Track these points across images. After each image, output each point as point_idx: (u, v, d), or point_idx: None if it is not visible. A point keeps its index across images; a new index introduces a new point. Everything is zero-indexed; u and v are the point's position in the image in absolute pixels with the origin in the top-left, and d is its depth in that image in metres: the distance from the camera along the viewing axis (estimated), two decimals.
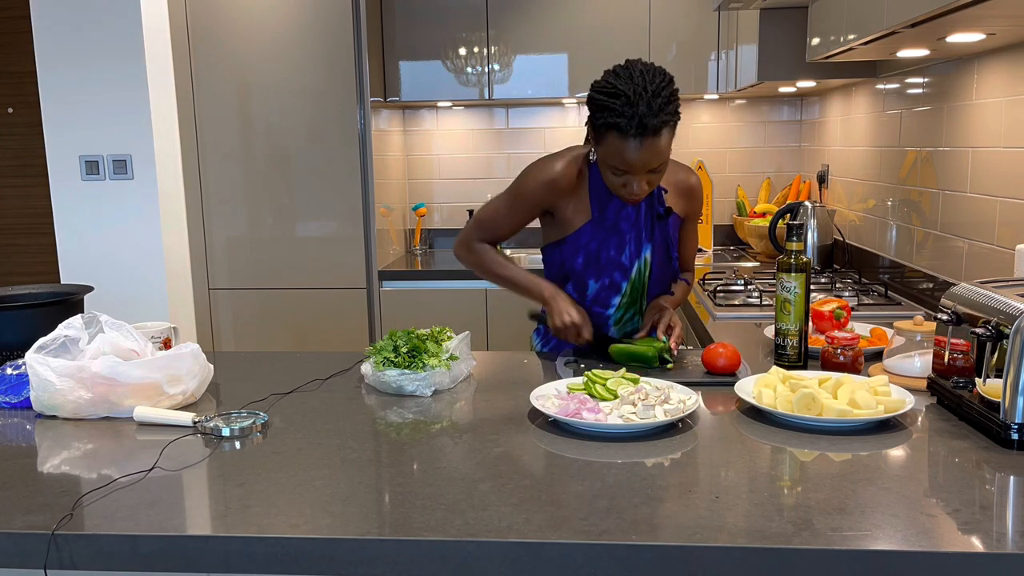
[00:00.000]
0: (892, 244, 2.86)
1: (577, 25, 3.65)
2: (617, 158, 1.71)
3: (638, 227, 1.91)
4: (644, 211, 1.91)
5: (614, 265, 1.91)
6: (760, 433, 1.41)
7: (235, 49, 3.43)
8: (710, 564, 1.02)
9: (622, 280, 1.93)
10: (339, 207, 3.50)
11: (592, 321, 1.91)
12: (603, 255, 1.90)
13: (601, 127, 1.71)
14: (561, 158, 1.89)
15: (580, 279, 1.93)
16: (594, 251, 1.90)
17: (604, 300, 1.94)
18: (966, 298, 1.46)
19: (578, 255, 1.91)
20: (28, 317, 1.87)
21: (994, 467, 1.25)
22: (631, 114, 1.66)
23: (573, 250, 1.91)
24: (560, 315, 1.84)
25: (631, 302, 1.96)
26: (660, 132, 1.68)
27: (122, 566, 1.09)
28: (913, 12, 1.68)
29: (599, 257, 1.90)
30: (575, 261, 1.91)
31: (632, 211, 1.90)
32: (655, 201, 1.91)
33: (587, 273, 1.91)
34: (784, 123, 4.08)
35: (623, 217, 1.89)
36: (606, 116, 1.69)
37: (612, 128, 1.68)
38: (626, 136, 1.67)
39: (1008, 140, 2.09)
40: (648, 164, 1.72)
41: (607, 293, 1.94)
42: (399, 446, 1.41)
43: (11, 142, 4.82)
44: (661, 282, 1.98)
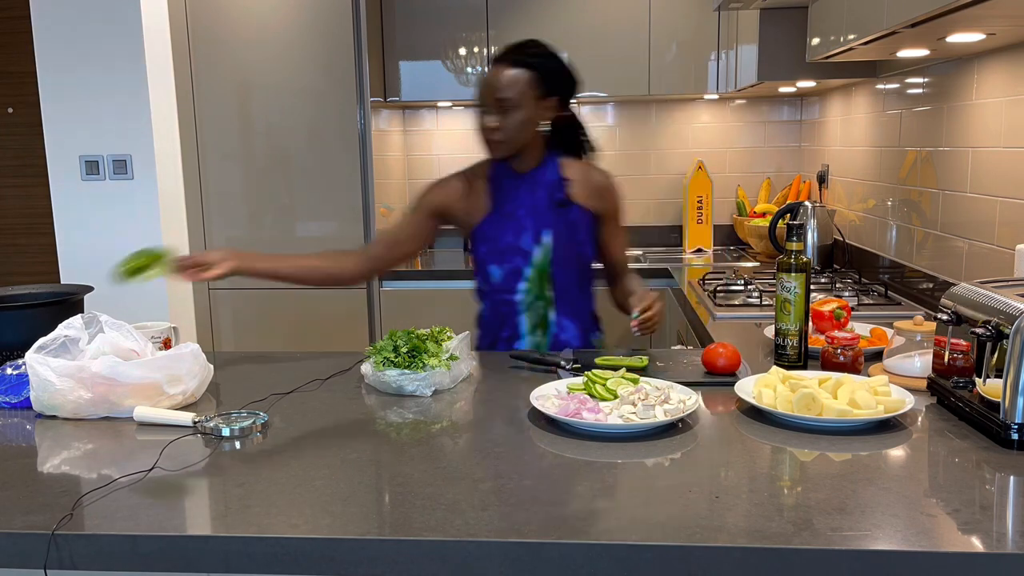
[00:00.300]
0: (892, 244, 2.86)
1: (577, 25, 3.65)
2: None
3: (536, 214, 2.01)
4: (544, 199, 2.01)
5: (513, 250, 2.01)
6: (760, 433, 1.41)
7: (235, 49, 3.43)
8: (710, 564, 1.02)
9: (524, 265, 2.01)
10: (339, 207, 3.50)
11: (506, 309, 2.04)
12: (502, 241, 2.01)
13: None
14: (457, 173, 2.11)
15: (483, 266, 2.05)
16: (493, 238, 2.02)
17: (510, 286, 2.03)
18: (966, 298, 1.46)
19: (481, 245, 2.04)
20: (28, 317, 1.87)
21: (994, 467, 1.25)
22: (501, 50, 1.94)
23: (479, 242, 2.05)
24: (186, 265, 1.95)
25: (537, 287, 2.02)
26: (511, 66, 1.89)
27: (122, 566, 1.09)
28: (913, 12, 1.68)
29: (498, 243, 2.01)
30: (479, 251, 2.05)
31: (527, 198, 2.01)
32: (553, 189, 2.01)
33: (488, 259, 2.03)
34: (784, 123, 4.08)
35: (519, 204, 2.01)
36: None
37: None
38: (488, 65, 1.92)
39: (1008, 140, 2.09)
40: (493, 91, 1.90)
41: (511, 279, 2.02)
42: (399, 446, 1.41)
43: (11, 142, 4.81)
44: (566, 269, 2.03)
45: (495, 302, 2.06)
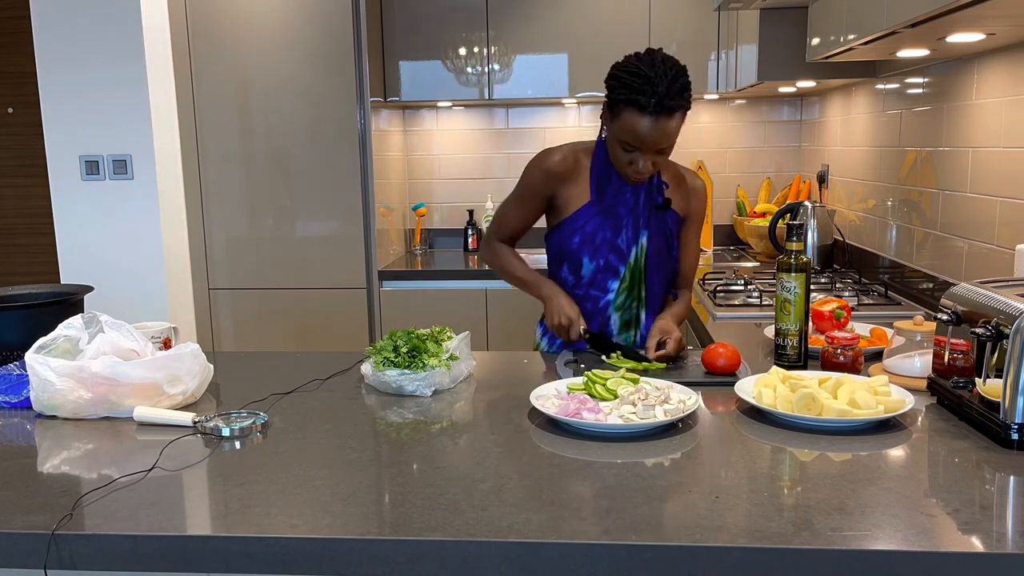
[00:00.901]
0: (892, 244, 2.86)
1: (577, 25, 3.65)
2: (630, 134, 1.80)
3: (635, 213, 1.96)
4: (643, 199, 1.96)
5: (609, 247, 1.96)
6: (760, 433, 1.41)
7: (235, 49, 3.43)
8: (710, 564, 1.02)
9: (619, 263, 1.97)
10: (339, 207, 3.50)
11: (592, 306, 1.99)
12: (599, 236, 1.96)
13: (619, 103, 1.80)
14: (558, 149, 1.99)
15: (575, 258, 1.98)
16: (590, 232, 1.96)
17: (601, 283, 1.98)
18: (966, 298, 1.46)
19: (575, 235, 1.97)
20: (28, 317, 1.87)
21: (994, 467, 1.25)
22: (650, 92, 1.76)
23: (570, 231, 1.97)
24: (555, 314, 1.92)
25: (630, 288, 1.99)
26: (673, 114, 1.79)
27: (122, 566, 1.09)
28: (913, 12, 1.68)
29: (594, 237, 1.96)
30: (571, 241, 1.97)
31: (630, 197, 1.96)
32: (655, 191, 1.97)
33: (582, 251, 1.97)
34: (784, 123, 4.08)
35: (621, 202, 1.96)
36: (627, 93, 1.78)
37: (631, 104, 1.78)
38: (643, 113, 1.77)
39: (1008, 140, 2.09)
40: (658, 143, 1.81)
41: (604, 276, 1.98)
42: (399, 446, 1.41)
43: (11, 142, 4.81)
44: (659, 272, 2.01)
45: (577, 297, 2.00)
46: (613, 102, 1.83)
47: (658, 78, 1.76)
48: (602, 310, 2.00)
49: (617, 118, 1.82)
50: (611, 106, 1.84)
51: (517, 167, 4.16)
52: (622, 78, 1.80)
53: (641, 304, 2.01)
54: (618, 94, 1.80)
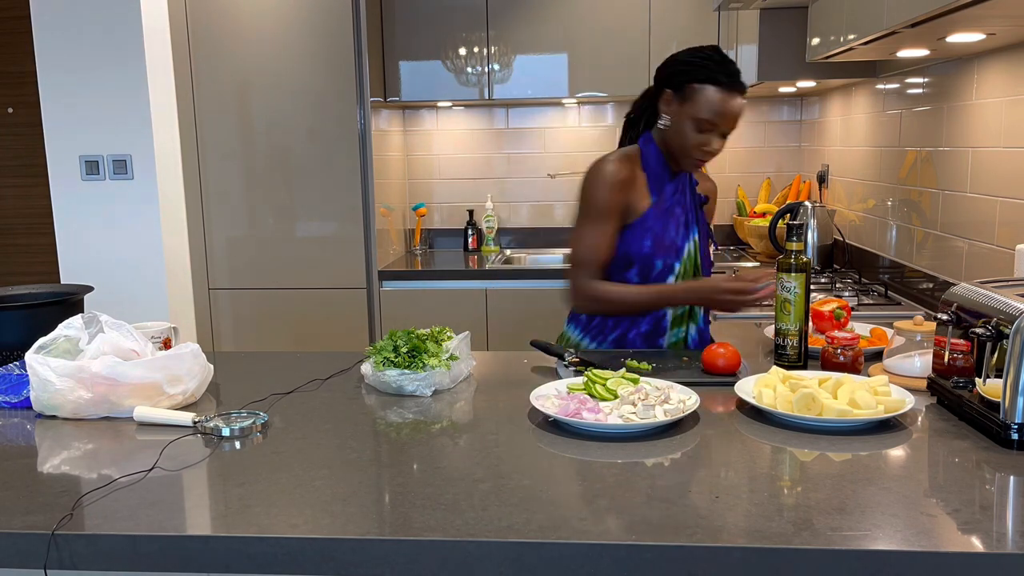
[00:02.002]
0: (892, 244, 2.86)
1: (577, 25, 3.65)
2: (710, 110, 1.86)
3: (687, 210, 2.02)
4: (690, 196, 2.03)
5: (673, 246, 2.00)
6: (760, 433, 1.41)
7: (235, 49, 3.43)
8: (710, 564, 1.02)
9: (675, 261, 2.00)
10: (339, 207, 3.50)
11: None
12: (666, 236, 1.99)
13: (694, 84, 1.87)
14: (610, 160, 1.98)
15: (648, 261, 1.98)
16: (660, 233, 1.98)
17: (661, 280, 2.00)
18: (966, 298, 1.46)
19: (645, 238, 1.97)
20: (28, 317, 1.87)
21: (994, 467, 1.25)
22: (728, 71, 1.86)
23: (640, 234, 1.97)
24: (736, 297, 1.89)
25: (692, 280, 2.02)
26: (744, 93, 1.89)
27: (122, 566, 1.09)
28: (913, 12, 1.68)
29: (663, 238, 1.98)
30: (643, 244, 1.97)
31: (682, 196, 2.02)
32: (694, 190, 2.05)
33: (655, 255, 1.98)
34: (784, 123, 4.08)
35: (677, 201, 2.01)
36: (704, 73, 1.86)
37: (710, 82, 1.86)
38: (722, 88, 1.85)
39: (1008, 140, 2.09)
40: (735, 119, 1.88)
41: (663, 273, 2.00)
42: (399, 446, 1.41)
43: (11, 142, 4.81)
44: (706, 265, 2.07)
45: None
46: (683, 84, 1.88)
47: (729, 61, 1.88)
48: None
49: (691, 99, 1.87)
50: (681, 88, 1.89)
51: (517, 167, 4.19)
52: (695, 61, 1.88)
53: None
54: (694, 75, 1.87)
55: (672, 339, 2.03)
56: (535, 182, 4.18)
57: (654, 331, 2.02)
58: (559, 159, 4.15)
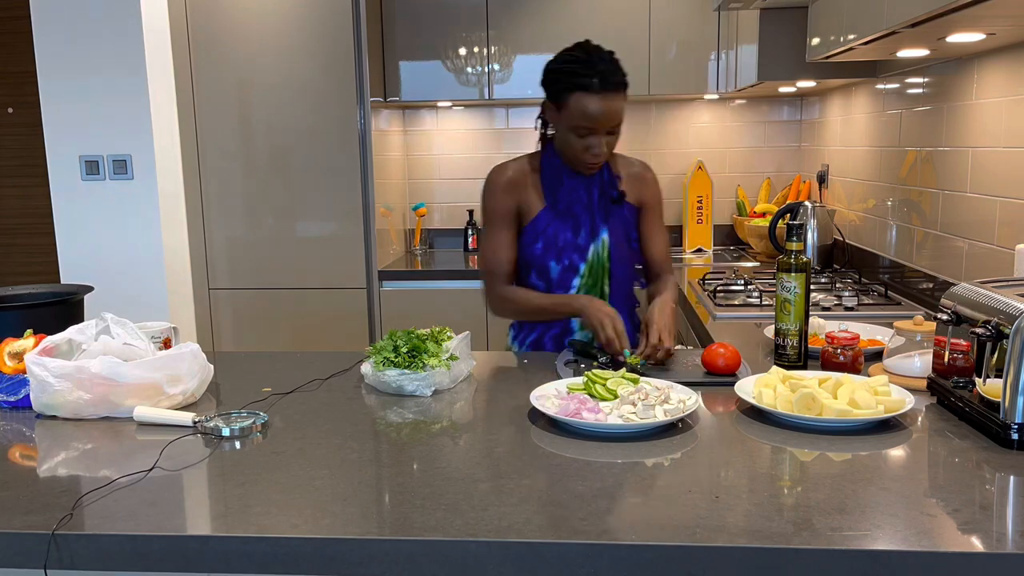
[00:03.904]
0: (892, 244, 2.86)
1: (577, 25, 3.65)
2: (582, 116, 1.85)
3: (591, 210, 2.01)
4: (596, 196, 2.01)
5: (571, 247, 2.00)
6: (760, 433, 1.41)
7: (235, 49, 3.43)
8: (710, 564, 1.02)
9: (580, 262, 2.00)
10: (339, 207, 3.50)
11: None
12: (560, 238, 1.99)
13: (564, 91, 1.86)
14: (506, 164, 2.05)
15: (541, 264, 2.00)
16: (551, 235, 1.99)
17: (565, 283, 2.02)
18: (966, 298, 1.46)
19: (537, 241, 2.00)
20: (28, 317, 1.87)
21: (994, 467, 1.25)
22: (594, 72, 1.83)
23: (532, 237, 2.00)
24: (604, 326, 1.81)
25: (592, 283, 2.02)
26: (619, 90, 1.86)
27: (122, 566, 1.09)
28: (913, 12, 1.68)
29: (556, 240, 1.99)
30: (534, 247, 2.00)
31: (583, 195, 2.00)
32: (607, 186, 2.02)
33: (547, 256, 2.00)
34: (784, 123, 4.08)
35: (575, 200, 2.00)
36: (570, 79, 1.85)
37: (577, 88, 1.84)
38: (590, 91, 1.83)
39: (1008, 140, 2.09)
40: (610, 120, 1.86)
41: (568, 275, 2.01)
42: (399, 446, 1.41)
43: (11, 142, 4.82)
44: (622, 265, 2.04)
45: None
46: (557, 95, 1.88)
47: (595, 59, 1.85)
48: None
49: (565, 107, 1.87)
50: (556, 99, 1.89)
51: None
52: (562, 69, 1.87)
53: (604, 299, 2.02)
54: (562, 84, 1.86)
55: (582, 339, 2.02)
56: None
57: (563, 332, 2.05)
58: None
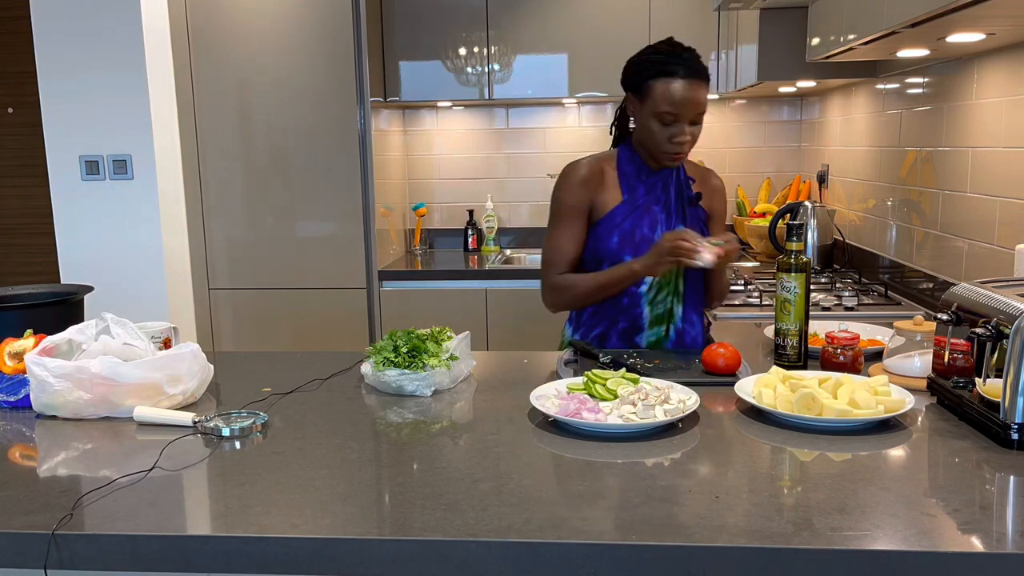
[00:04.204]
0: (892, 244, 2.86)
1: (577, 25, 3.65)
2: (667, 101, 1.89)
3: (668, 209, 2.01)
4: (674, 194, 2.01)
5: (648, 243, 1.97)
6: (760, 433, 1.41)
7: (235, 49, 3.43)
8: (710, 564, 1.02)
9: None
10: (339, 207, 3.50)
11: (628, 300, 2.00)
12: (636, 233, 1.98)
13: (650, 79, 1.90)
14: (581, 161, 2.04)
15: (616, 258, 1.98)
16: (628, 229, 1.98)
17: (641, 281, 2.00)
18: (966, 298, 1.46)
19: (612, 235, 1.98)
20: (28, 317, 1.87)
21: (994, 467, 1.25)
22: (680, 60, 1.89)
23: (607, 231, 1.99)
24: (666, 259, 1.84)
25: (664, 281, 1.99)
26: (703, 79, 1.91)
27: (122, 566, 1.09)
28: (913, 12, 1.68)
29: (633, 235, 1.98)
30: (610, 241, 1.98)
31: (661, 194, 2.00)
32: (683, 187, 2.03)
33: (623, 251, 1.98)
34: (784, 123, 4.08)
35: (653, 199, 2.00)
36: (656, 67, 1.89)
37: (663, 75, 1.89)
38: (676, 77, 1.88)
39: (1008, 140, 2.09)
40: (696, 107, 1.91)
41: None
42: (399, 446, 1.41)
43: (11, 142, 4.82)
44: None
45: (616, 293, 2.01)
46: (640, 84, 1.92)
47: (680, 50, 1.92)
48: (634, 304, 2.00)
49: (649, 95, 1.90)
50: (639, 89, 1.92)
51: (517, 167, 4.19)
52: (647, 58, 1.92)
53: (678, 299, 2.01)
54: (647, 72, 1.90)
55: (651, 337, 2.02)
56: (535, 182, 4.18)
57: (631, 328, 2.02)
58: (559, 159, 4.12)
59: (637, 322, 2.01)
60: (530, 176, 4.18)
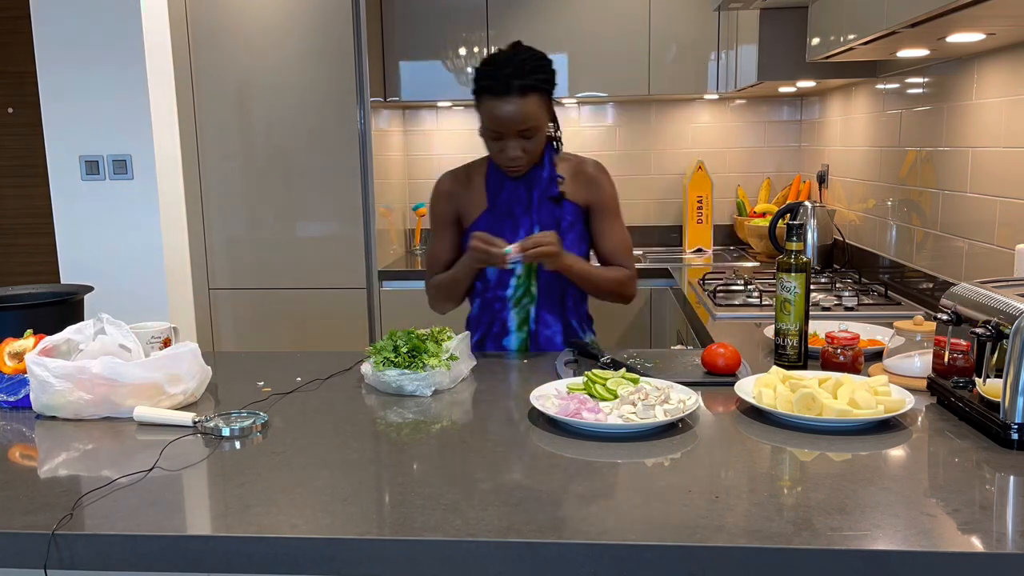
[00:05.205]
0: (892, 244, 2.86)
1: (577, 25, 3.65)
2: (490, 119, 1.89)
3: (530, 211, 2.02)
4: (536, 196, 2.02)
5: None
6: (760, 433, 1.41)
7: (235, 49, 3.43)
8: (710, 564, 1.02)
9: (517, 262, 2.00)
10: (339, 207, 3.50)
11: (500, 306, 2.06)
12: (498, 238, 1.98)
13: (477, 96, 1.90)
14: (450, 172, 2.12)
15: None
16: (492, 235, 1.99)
17: (504, 282, 2.04)
18: (966, 298, 1.46)
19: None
20: (28, 317, 1.87)
21: (994, 467, 1.25)
22: (498, 76, 1.85)
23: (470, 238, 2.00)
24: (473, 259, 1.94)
25: (526, 283, 2.03)
26: (526, 94, 1.86)
27: (122, 566, 1.09)
28: (913, 12, 1.68)
29: None
30: None
31: (524, 195, 2.02)
32: (546, 186, 2.02)
33: None
34: (784, 123, 4.08)
35: (515, 202, 2.02)
36: (479, 82, 1.89)
37: (484, 92, 1.87)
38: (495, 96, 1.85)
39: (1008, 140, 2.09)
40: (516, 124, 1.87)
41: (506, 276, 2.03)
42: (399, 446, 1.41)
43: (11, 142, 4.82)
44: None
45: (487, 300, 2.07)
46: (475, 97, 1.91)
47: (506, 62, 1.86)
48: (503, 308, 2.06)
49: (480, 111, 1.91)
50: (476, 103, 1.92)
51: None
52: (477, 70, 1.90)
53: (532, 300, 2.04)
54: (476, 86, 1.90)
55: (517, 341, 2.06)
56: None
57: (501, 331, 2.07)
58: None
59: (506, 325, 2.06)
60: None
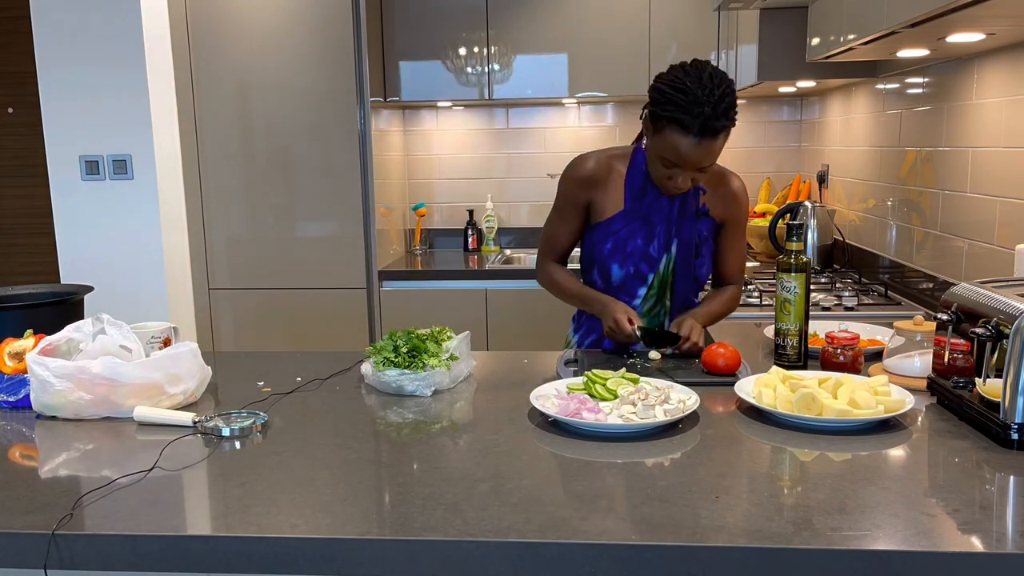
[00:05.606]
0: (892, 244, 2.86)
1: (577, 25, 3.65)
2: (672, 152, 1.76)
3: (669, 221, 1.95)
4: (677, 207, 1.94)
5: (640, 255, 1.95)
6: (760, 433, 1.41)
7: (235, 49, 3.43)
8: (710, 564, 1.02)
9: (649, 271, 1.97)
10: (339, 207, 3.50)
11: None
12: (630, 243, 1.95)
13: (662, 119, 1.75)
14: (592, 155, 1.98)
15: (604, 264, 1.97)
16: (622, 239, 1.95)
17: (630, 289, 1.98)
18: (966, 298, 1.46)
19: (606, 241, 1.96)
20: (28, 317, 1.87)
21: (994, 467, 1.25)
22: (696, 112, 1.70)
23: (603, 236, 1.96)
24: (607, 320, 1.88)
25: (658, 295, 1.99)
26: (718, 135, 1.74)
27: (122, 566, 1.09)
28: (913, 12, 1.68)
29: (625, 245, 1.95)
30: (603, 247, 1.97)
31: (665, 205, 1.94)
32: (690, 199, 1.94)
33: (611, 259, 1.96)
34: (784, 123, 4.08)
35: (655, 210, 1.94)
36: (671, 110, 1.73)
37: (674, 122, 1.73)
38: (687, 133, 1.73)
39: (1008, 140, 2.09)
40: (700, 163, 1.78)
41: (633, 283, 1.97)
42: (399, 446, 1.41)
43: (11, 142, 4.82)
44: (684, 280, 1.99)
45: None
46: (655, 117, 1.77)
47: (705, 97, 1.69)
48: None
49: (659, 133, 1.77)
50: (654, 119, 1.77)
51: (517, 167, 4.19)
52: (667, 93, 1.73)
53: (666, 312, 2.02)
54: (662, 109, 1.74)
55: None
56: (535, 182, 4.18)
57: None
58: (559, 159, 4.15)
59: None
60: (530, 176, 4.18)
